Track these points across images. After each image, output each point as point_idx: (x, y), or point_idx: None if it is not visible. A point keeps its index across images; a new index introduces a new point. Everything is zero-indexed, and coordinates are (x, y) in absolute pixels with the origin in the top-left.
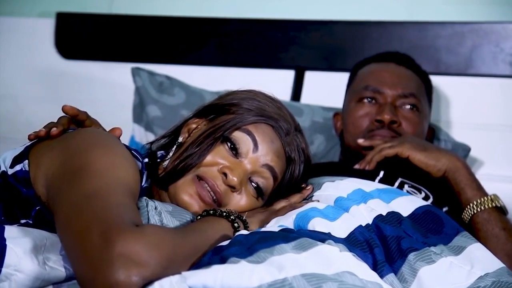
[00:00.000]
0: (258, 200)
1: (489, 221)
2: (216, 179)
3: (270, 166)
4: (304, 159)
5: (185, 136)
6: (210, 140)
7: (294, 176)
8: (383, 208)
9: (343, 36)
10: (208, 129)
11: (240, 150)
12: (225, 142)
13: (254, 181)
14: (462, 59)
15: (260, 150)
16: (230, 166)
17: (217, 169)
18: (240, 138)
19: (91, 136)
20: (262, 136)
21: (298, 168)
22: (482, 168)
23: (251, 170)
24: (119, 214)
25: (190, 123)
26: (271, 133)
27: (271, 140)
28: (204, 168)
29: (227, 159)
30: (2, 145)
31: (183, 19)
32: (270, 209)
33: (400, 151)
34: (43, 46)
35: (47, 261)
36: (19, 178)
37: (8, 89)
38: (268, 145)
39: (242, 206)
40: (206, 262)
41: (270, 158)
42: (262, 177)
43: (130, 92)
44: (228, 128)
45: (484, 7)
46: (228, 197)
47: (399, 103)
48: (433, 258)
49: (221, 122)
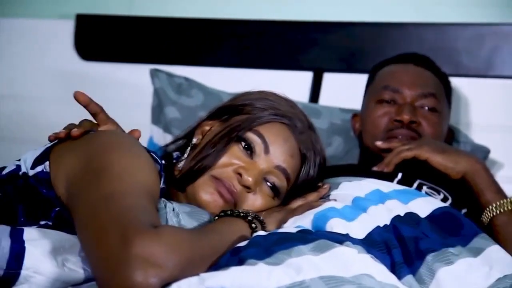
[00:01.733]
0: (274, 199)
1: (508, 224)
2: (232, 180)
3: (282, 167)
4: (319, 157)
5: (199, 137)
6: (225, 140)
7: (309, 174)
8: (401, 209)
9: (362, 37)
10: (222, 130)
11: (254, 150)
12: (239, 142)
13: (270, 180)
14: (482, 60)
15: (272, 152)
16: (245, 166)
17: (232, 170)
18: (253, 138)
19: (112, 138)
20: (274, 137)
21: (313, 166)
22: (502, 170)
23: (266, 170)
24: (137, 216)
25: (204, 125)
26: (285, 132)
27: (285, 140)
28: (220, 169)
29: (241, 159)
30: (23, 147)
31: (201, 21)
32: (287, 208)
33: (419, 154)
34: (63, 48)
35: (66, 263)
36: (40, 179)
37: (27, 91)
38: (280, 146)
39: (257, 206)
40: (224, 263)
41: (283, 159)
42: (277, 177)
43: (148, 94)
44: (243, 128)
45: (505, 9)
46: (243, 197)
47: (418, 104)
48: (452, 259)
49: (235, 122)
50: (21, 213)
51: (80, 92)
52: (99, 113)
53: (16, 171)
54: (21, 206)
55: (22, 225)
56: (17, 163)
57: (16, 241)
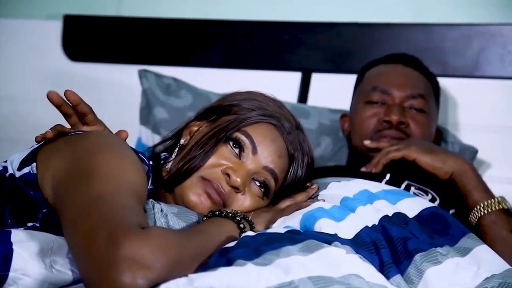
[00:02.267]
0: (263, 199)
1: (496, 224)
2: (220, 180)
3: (270, 168)
4: (307, 157)
5: (187, 138)
6: (213, 141)
7: (298, 175)
8: (389, 209)
9: (350, 38)
10: (210, 131)
11: (243, 150)
12: (228, 142)
13: (259, 179)
14: (469, 61)
15: (259, 152)
16: (233, 167)
17: (220, 170)
18: (241, 139)
19: (99, 139)
20: (262, 138)
21: (301, 166)
22: (490, 170)
23: (254, 170)
24: (125, 216)
25: (191, 126)
26: (272, 133)
27: (272, 140)
28: (208, 170)
29: (229, 160)
30: (10, 147)
31: (190, 21)
32: (275, 208)
33: (407, 154)
34: (51, 48)
35: (54, 265)
36: (27, 181)
37: (15, 91)
38: (268, 146)
39: (246, 206)
40: (213, 264)
41: (271, 159)
42: (265, 177)
43: (137, 94)
44: (231, 128)
45: (491, 9)
46: (232, 198)
47: (407, 104)
48: (440, 259)
49: (223, 123)
50: (8, 215)
51: (71, 91)
52: (88, 114)
53: (2, 172)
54: (8, 207)
55: (9, 227)
56: (3, 164)
57: (4, 243)
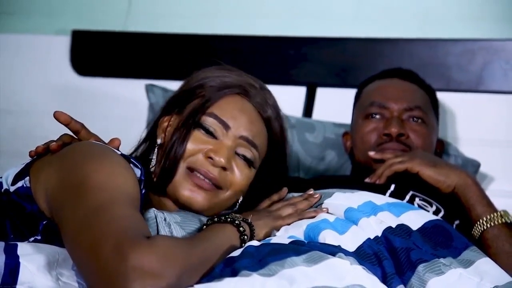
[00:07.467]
0: (251, 169)
1: (499, 237)
2: (206, 166)
3: (245, 136)
4: (279, 110)
5: (162, 136)
6: (184, 129)
7: (276, 133)
8: (393, 221)
9: (355, 53)
10: (179, 121)
11: (215, 131)
12: (198, 127)
13: (240, 153)
14: (472, 76)
15: (232, 126)
16: (213, 149)
17: (202, 155)
18: (209, 121)
19: (86, 149)
20: (229, 112)
21: (277, 124)
22: (492, 184)
23: (233, 145)
24: (128, 226)
25: (162, 122)
26: (239, 102)
27: (240, 109)
28: (191, 158)
29: (208, 143)
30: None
31: (196, 36)
32: (274, 213)
33: (410, 167)
34: (59, 63)
35: (60, 277)
36: (21, 195)
37: (24, 105)
38: (238, 117)
39: (240, 180)
40: (218, 274)
41: (243, 128)
42: (245, 148)
43: (144, 109)
44: (198, 113)
45: (495, 25)
46: (224, 178)
47: (405, 117)
48: (443, 270)
49: (189, 110)
50: (9, 230)
51: (60, 112)
52: (80, 131)
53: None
54: (8, 223)
55: (12, 241)
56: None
57: (11, 256)
